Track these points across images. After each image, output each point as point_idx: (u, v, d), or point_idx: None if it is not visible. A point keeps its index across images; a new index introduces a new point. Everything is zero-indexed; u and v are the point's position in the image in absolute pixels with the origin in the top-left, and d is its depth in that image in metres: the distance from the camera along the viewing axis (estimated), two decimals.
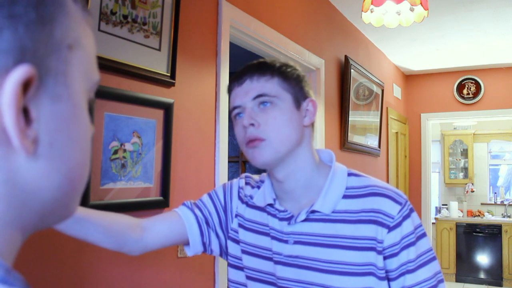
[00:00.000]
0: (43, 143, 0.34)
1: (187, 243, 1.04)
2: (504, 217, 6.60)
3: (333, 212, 0.90)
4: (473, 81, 5.20)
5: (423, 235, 0.91)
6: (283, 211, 0.94)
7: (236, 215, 1.04)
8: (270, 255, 0.95)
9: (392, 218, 0.87)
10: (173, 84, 1.66)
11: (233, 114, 0.94)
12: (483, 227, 6.35)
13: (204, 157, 1.84)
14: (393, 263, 0.87)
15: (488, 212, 6.76)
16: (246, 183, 1.07)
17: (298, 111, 0.92)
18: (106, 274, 1.40)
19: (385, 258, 0.87)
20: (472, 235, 6.38)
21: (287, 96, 0.91)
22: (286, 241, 0.92)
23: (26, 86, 0.32)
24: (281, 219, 0.94)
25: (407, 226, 0.88)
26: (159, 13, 1.59)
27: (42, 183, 0.35)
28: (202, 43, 1.86)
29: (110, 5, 1.40)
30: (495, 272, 6.21)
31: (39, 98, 0.34)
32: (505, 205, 6.78)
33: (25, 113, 0.33)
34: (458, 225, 6.48)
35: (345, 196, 0.92)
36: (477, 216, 6.62)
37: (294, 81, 0.93)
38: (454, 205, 6.66)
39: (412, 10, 2.12)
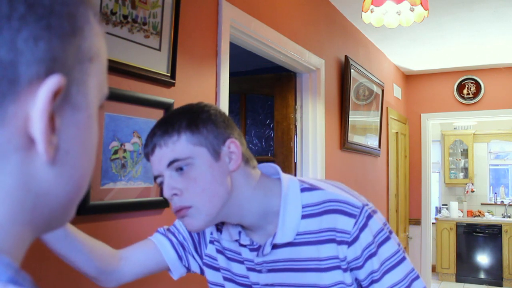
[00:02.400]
0: (61, 150, 0.35)
1: (168, 269, 1.05)
2: (504, 217, 6.60)
3: (296, 234, 0.89)
4: (473, 81, 5.20)
5: (385, 239, 0.88)
6: (250, 244, 0.92)
7: (211, 241, 1.02)
8: (249, 283, 0.95)
9: (349, 234, 0.86)
10: (173, 84, 1.66)
11: (158, 183, 0.86)
12: (483, 227, 6.35)
13: None
14: (360, 274, 0.88)
15: (488, 212, 6.77)
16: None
17: (219, 161, 0.83)
18: None
19: (352, 270, 0.87)
20: (472, 235, 6.38)
21: (202, 151, 0.82)
22: (260, 271, 0.92)
23: (55, 95, 0.33)
24: (251, 250, 0.93)
25: (366, 237, 0.86)
26: (159, 13, 1.59)
27: (54, 188, 0.36)
28: (202, 43, 1.86)
29: (110, 5, 1.40)
30: (495, 272, 6.21)
31: (63, 107, 0.35)
32: (505, 205, 6.78)
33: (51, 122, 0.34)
34: (458, 225, 6.48)
35: (303, 216, 0.89)
36: (477, 216, 6.62)
37: (204, 130, 0.83)
38: (454, 205, 6.66)
39: (412, 10, 2.12)
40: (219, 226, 0.98)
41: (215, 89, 1.93)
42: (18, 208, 0.34)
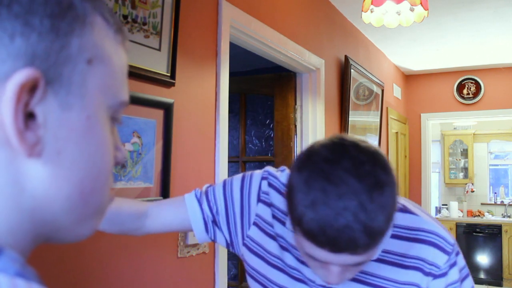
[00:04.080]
0: (50, 149, 0.35)
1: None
2: (504, 217, 6.60)
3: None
4: (473, 81, 5.20)
5: (467, 275, 0.88)
6: None
7: (255, 223, 0.94)
8: (303, 278, 0.88)
9: (439, 268, 0.84)
10: (173, 84, 1.66)
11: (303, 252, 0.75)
12: (483, 227, 6.35)
13: (204, 157, 1.84)
14: None
15: (488, 212, 6.76)
16: (269, 185, 0.94)
17: None
18: (105, 273, 1.40)
19: None
20: (472, 235, 6.38)
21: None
22: None
23: (32, 90, 0.33)
24: None
25: (453, 275, 0.85)
26: (159, 13, 1.59)
27: (50, 190, 0.36)
28: (202, 43, 1.86)
29: (110, 5, 1.40)
30: (495, 272, 6.21)
31: (48, 104, 0.35)
32: (505, 205, 6.78)
33: (31, 117, 0.34)
34: (458, 225, 6.48)
35: (392, 236, 0.85)
36: (477, 216, 6.62)
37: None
38: (454, 205, 6.66)
39: (412, 10, 2.12)
40: (279, 217, 0.91)
41: (215, 89, 1.93)
42: (12, 205, 0.34)
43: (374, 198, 0.64)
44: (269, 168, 0.97)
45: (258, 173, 0.97)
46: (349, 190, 0.64)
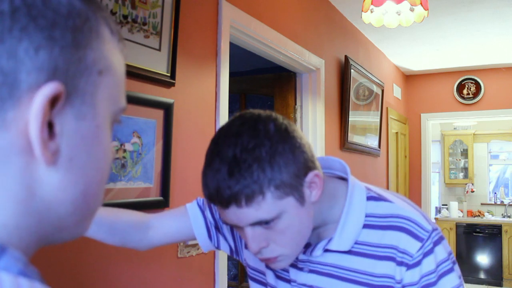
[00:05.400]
0: (63, 156, 0.37)
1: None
2: (504, 217, 6.60)
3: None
4: (473, 81, 5.20)
5: (448, 271, 0.79)
6: None
7: None
8: (288, 278, 0.89)
9: (411, 257, 0.78)
10: (173, 84, 1.66)
11: (230, 226, 0.79)
12: (483, 227, 6.35)
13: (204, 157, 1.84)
14: None
15: (488, 212, 6.76)
16: None
17: (304, 203, 0.75)
18: (105, 274, 1.40)
19: None
20: (472, 235, 6.38)
21: (288, 201, 0.72)
22: (301, 269, 0.86)
23: (54, 102, 0.35)
24: None
25: (428, 264, 0.78)
26: (159, 13, 1.59)
27: (58, 194, 0.37)
28: (202, 43, 1.86)
29: (110, 5, 1.40)
30: (495, 272, 6.21)
31: (65, 114, 0.36)
32: (505, 205, 6.78)
33: (50, 127, 0.36)
34: (458, 225, 6.48)
35: (364, 225, 0.82)
36: (477, 216, 6.62)
37: (287, 175, 0.71)
38: (454, 205, 6.65)
39: (412, 10, 2.12)
40: None
41: (215, 89, 1.93)
42: (22, 208, 0.35)
43: (237, 154, 0.70)
44: None
45: None
46: (220, 150, 0.71)
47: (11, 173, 0.34)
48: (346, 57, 3.36)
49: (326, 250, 0.83)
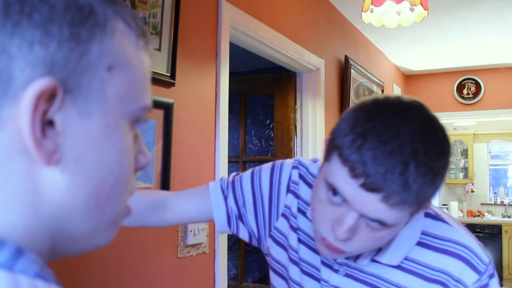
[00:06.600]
0: (69, 157, 0.35)
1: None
2: (504, 217, 6.60)
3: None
4: (473, 81, 5.20)
5: None
6: None
7: (284, 214, 0.90)
8: (318, 276, 0.84)
9: (465, 287, 0.76)
10: (173, 84, 1.66)
11: (335, 202, 0.68)
12: (483, 227, 6.35)
13: (204, 157, 1.84)
14: None
15: (488, 212, 6.77)
16: (299, 175, 0.90)
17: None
18: (105, 274, 1.40)
19: None
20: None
21: (407, 218, 0.69)
22: (336, 271, 0.82)
23: (51, 98, 0.33)
24: None
25: None
26: (159, 13, 1.59)
27: (67, 198, 0.36)
28: (202, 43, 1.86)
29: None
30: None
31: (67, 112, 0.35)
32: (505, 205, 6.78)
33: (51, 125, 0.34)
34: None
35: (418, 243, 0.79)
36: (477, 216, 6.62)
37: (426, 203, 0.68)
38: (454, 205, 6.66)
39: (412, 10, 2.12)
40: (303, 209, 0.88)
41: (215, 89, 1.93)
42: (29, 212, 0.34)
43: (435, 149, 0.67)
44: (300, 158, 0.94)
45: (289, 162, 0.94)
46: (411, 131, 0.64)
47: (14, 173, 0.33)
48: (346, 57, 3.36)
49: (373, 261, 0.79)
